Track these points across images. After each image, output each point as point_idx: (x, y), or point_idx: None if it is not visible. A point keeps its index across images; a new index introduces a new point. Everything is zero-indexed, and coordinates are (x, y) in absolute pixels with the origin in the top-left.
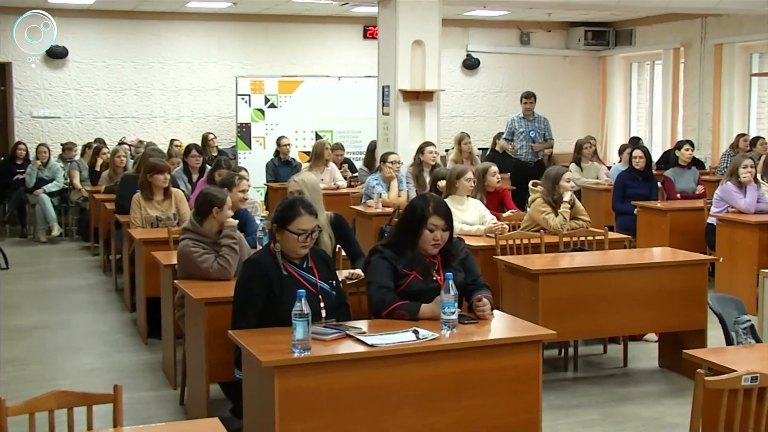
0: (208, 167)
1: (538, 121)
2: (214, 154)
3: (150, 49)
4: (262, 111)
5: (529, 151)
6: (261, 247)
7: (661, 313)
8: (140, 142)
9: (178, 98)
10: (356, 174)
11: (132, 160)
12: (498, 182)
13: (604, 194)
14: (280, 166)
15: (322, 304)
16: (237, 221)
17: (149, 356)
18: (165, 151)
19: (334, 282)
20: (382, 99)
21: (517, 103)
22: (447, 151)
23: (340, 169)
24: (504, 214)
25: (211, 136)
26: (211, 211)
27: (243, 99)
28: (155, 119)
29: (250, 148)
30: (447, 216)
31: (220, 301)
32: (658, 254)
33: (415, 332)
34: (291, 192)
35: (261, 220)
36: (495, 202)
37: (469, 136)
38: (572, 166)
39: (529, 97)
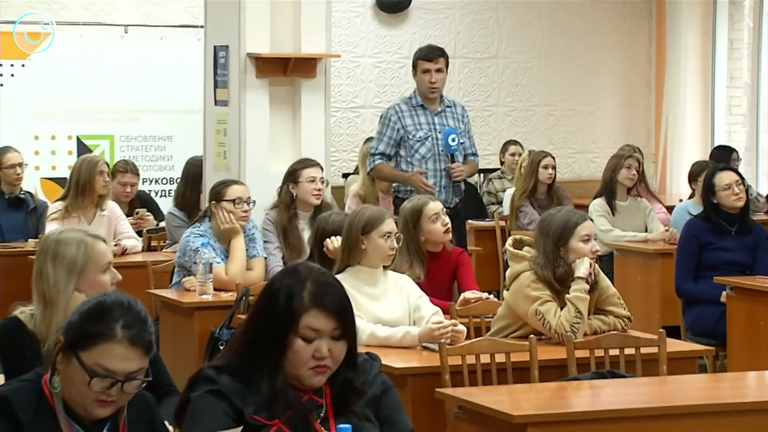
0: None
1: (453, 114)
2: None
3: None
4: None
5: (443, 178)
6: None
7: None
8: None
9: None
10: (162, 224)
11: None
12: (446, 230)
13: (660, 261)
14: (4, 210)
15: None
16: None
17: None
18: None
19: None
20: (214, 74)
21: (483, 81)
22: (346, 177)
23: (128, 213)
24: (459, 304)
25: None
26: None
27: None
28: None
29: None
30: (341, 310)
31: None
32: None
33: None
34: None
35: None
36: (442, 277)
37: None
38: (596, 205)
39: (432, 59)
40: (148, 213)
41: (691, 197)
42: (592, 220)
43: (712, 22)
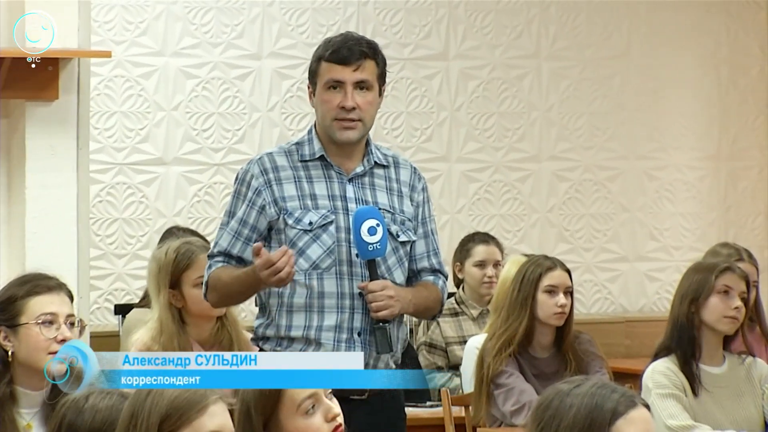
0: None
1: (388, 184)
2: None
3: None
4: None
5: (354, 314)
6: None
7: None
8: None
9: None
10: None
11: None
12: (334, 429)
13: None
14: None
15: None
16: None
17: None
18: None
19: None
20: None
21: (420, 107)
22: (124, 313)
23: None
24: None
25: None
26: None
27: None
28: None
29: None
30: None
31: None
32: None
33: None
34: None
35: None
36: None
37: None
38: (659, 373)
39: (348, 61)
40: None
41: None
42: (648, 407)
43: None
